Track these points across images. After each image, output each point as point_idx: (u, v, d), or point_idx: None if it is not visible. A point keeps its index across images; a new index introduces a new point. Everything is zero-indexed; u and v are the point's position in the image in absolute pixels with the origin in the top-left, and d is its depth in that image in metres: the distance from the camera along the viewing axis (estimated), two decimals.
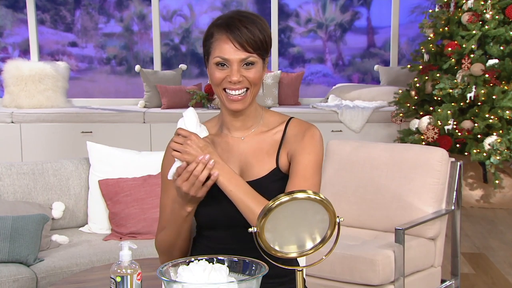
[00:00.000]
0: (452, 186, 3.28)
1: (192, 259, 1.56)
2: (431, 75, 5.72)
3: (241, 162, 1.81)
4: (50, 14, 7.59)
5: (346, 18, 7.66)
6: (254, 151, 1.81)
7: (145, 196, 3.41)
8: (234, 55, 1.71)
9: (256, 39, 1.72)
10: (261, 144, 1.82)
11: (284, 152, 1.80)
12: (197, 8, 7.74)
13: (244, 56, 1.72)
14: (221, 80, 1.74)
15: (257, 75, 1.75)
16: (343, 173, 3.45)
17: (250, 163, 1.80)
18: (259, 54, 1.74)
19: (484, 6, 5.56)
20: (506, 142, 5.25)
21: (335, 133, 6.25)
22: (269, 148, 1.81)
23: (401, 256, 2.90)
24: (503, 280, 3.97)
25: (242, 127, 1.83)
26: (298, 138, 1.80)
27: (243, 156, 1.81)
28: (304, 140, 1.79)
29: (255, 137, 1.83)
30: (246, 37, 1.70)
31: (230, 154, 1.82)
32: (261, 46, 1.73)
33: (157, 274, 1.45)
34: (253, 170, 1.79)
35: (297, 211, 1.43)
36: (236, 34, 1.70)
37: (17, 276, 2.87)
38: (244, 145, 1.82)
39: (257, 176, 1.78)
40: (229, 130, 1.84)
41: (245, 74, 1.73)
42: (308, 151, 1.77)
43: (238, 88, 1.74)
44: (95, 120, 6.42)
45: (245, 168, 1.80)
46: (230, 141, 1.83)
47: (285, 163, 1.80)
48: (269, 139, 1.82)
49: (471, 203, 5.73)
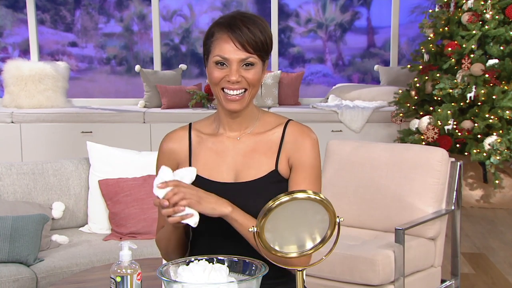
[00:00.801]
0: (452, 186, 3.28)
1: (192, 259, 1.56)
2: (431, 75, 5.72)
3: (237, 162, 1.80)
4: (50, 14, 7.59)
5: (346, 18, 7.66)
6: (251, 151, 1.80)
7: (145, 196, 3.41)
8: (234, 54, 1.71)
9: (257, 40, 1.71)
10: (257, 145, 1.81)
11: (284, 156, 1.79)
12: (197, 8, 7.74)
13: (244, 56, 1.71)
14: (219, 80, 1.73)
15: (256, 77, 1.74)
16: (343, 173, 3.45)
17: (247, 164, 1.79)
18: (259, 55, 1.73)
19: (484, 6, 5.56)
20: (506, 142, 5.25)
21: (335, 133, 6.25)
22: (267, 150, 1.80)
23: (401, 256, 2.90)
24: (503, 280, 3.97)
25: (238, 128, 1.82)
26: (297, 146, 1.79)
27: (239, 156, 1.80)
28: (303, 148, 1.79)
29: (251, 137, 1.82)
30: (247, 37, 1.70)
31: (226, 154, 1.81)
32: (262, 47, 1.73)
33: (157, 274, 1.45)
34: (250, 171, 1.78)
35: (297, 211, 1.43)
36: (237, 33, 1.70)
37: (17, 276, 2.86)
38: (240, 145, 1.81)
39: (254, 177, 1.77)
40: (225, 130, 1.83)
41: (244, 74, 1.72)
42: (308, 162, 1.78)
43: (237, 88, 1.73)
44: (95, 120, 6.42)
45: (241, 168, 1.79)
46: (226, 141, 1.82)
47: (285, 168, 1.79)
48: (265, 140, 1.81)
49: (471, 203, 5.73)
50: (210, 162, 1.81)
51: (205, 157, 1.82)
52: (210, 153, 1.82)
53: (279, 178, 1.78)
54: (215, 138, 1.83)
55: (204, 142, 1.84)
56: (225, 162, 1.80)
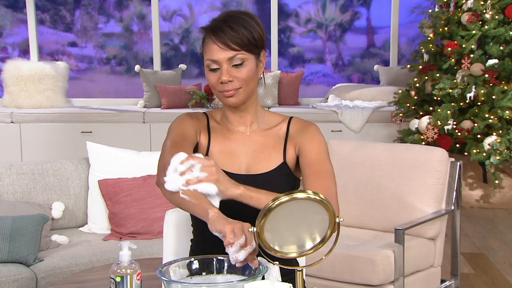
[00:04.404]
0: (452, 186, 3.28)
1: (192, 259, 1.56)
2: (431, 75, 5.72)
3: (248, 156, 1.85)
4: (49, 14, 7.59)
5: (346, 18, 7.66)
6: (261, 146, 1.86)
7: (145, 196, 3.41)
8: (220, 55, 1.74)
9: (240, 36, 1.73)
10: (267, 140, 1.87)
11: (291, 146, 1.85)
12: (197, 8, 7.73)
13: (231, 54, 1.74)
14: (215, 83, 1.78)
15: (249, 74, 1.77)
16: (343, 173, 3.45)
17: (258, 158, 1.84)
18: (247, 50, 1.75)
19: (484, 6, 5.56)
20: (505, 142, 5.25)
21: (335, 133, 6.25)
22: (275, 144, 1.86)
23: (401, 256, 2.90)
24: (503, 280, 3.97)
25: (242, 123, 1.87)
26: (303, 132, 1.85)
27: (250, 150, 1.85)
28: (309, 132, 1.85)
29: (260, 132, 1.88)
30: (229, 35, 1.73)
31: (238, 147, 1.86)
32: (248, 42, 1.75)
33: (157, 274, 1.45)
34: (261, 164, 1.83)
35: (297, 211, 1.43)
36: (219, 35, 1.73)
37: (16, 276, 2.86)
38: (250, 140, 1.86)
39: (265, 170, 1.83)
40: (233, 125, 1.88)
41: (236, 74, 1.76)
42: (317, 140, 1.83)
43: (230, 89, 1.76)
44: (95, 120, 6.41)
45: (253, 162, 1.84)
46: (237, 135, 1.87)
47: (292, 158, 1.85)
48: (273, 135, 1.87)
49: (471, 203, 5.73)
50: (224, 152, 1.85)
51: (219, 146, 1.86)
52: (224, 143, 1.86)
53: (287, 171, 1.84)
54: (227, 130, 1.88)
55: (219, 132, 1.88)
56: (237, 155, 1.85)
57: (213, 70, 1.76)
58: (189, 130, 1.82)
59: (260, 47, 1.80)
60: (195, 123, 1.86)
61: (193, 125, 1.85)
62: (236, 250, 1.44)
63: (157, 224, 3.33)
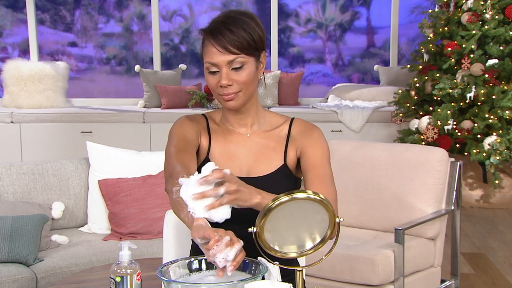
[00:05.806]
0: (452, 186, 3.28)
1: (192, 259, 1.56)
2: (431, 75, 5.72)
3: (249, 158, 1.83)
4: (49, 14, 7.58)
5: (346, 18, 7.66)
6: (261, 148, 1.84)
7: (145, 196, 3.41)
8: (219, 58, 1.72)
9: (240, 40, 1.71)
10: (267, 141, 1.85)
11: (292, 149, 1.84)
12: (197, 8, 7.73)
13: (231, 58, 1.72)
14: (214, 86, 1.77)
15: (249, 77, 1.75)
16: (343, 173, 3.45)
17: (258, 160, 1.83)
18: (247, 53, 1.73)
19: (484, 6, 5.56)
20: (505, 142, 5.25)
21: (335, 133, 6.25)
22: (276, 145, 1.84)
23: (401, 256, 2.90)
24: (503, 280, 3.97)
25: (242, 125, 1.86)
26: (306, 134, 1.84)
27: (250, 152, 1.84)
28: (313, 136, 1.83)
29: (261, 134, 1.86)
30: (228, 39, 1.70)
31: (238, 149, 1.85)
32: (248, 45, 1.73)
33: (157, 274, 1.45)
34: (261, 166, 1.82)
35: (297, 211, 1.42)
36: (218, 38, 1.71)
37: (16, 276, 2.86)
38: (250, 142, 1.85)
39: (266, 172, 1.81)
40: (233, 127, 1.87)
41: (235, 78, 1.74)
42: (321, 144, 1.81)
43: (230, 93, 1.75)
44: (95, 120, 6.41)
45: (253, 164, 1.83)
46: (237, 137, 1.86)
47: (293, 160, 1.83)
48: (274, 137, 1.86)
49: (471, 203, 5.73)
50: (225, 154, 1.84)
51: (220, 148, 1.85)
52: (224, 145, 1.85)
53: (288, 173, 1.82)
54: (227, 132, 1.87)
55: (219, 133, 1.87)
56: (238, 157, 1.83)
57: (213, 72, 1.75)
58: (190, 133, 1.82)
59: (260, 48, 1.78)
60: (195, 125, 1.86)
61: (193, 127, 1.84)
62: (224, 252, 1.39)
63: (157, 224, 3.33)
